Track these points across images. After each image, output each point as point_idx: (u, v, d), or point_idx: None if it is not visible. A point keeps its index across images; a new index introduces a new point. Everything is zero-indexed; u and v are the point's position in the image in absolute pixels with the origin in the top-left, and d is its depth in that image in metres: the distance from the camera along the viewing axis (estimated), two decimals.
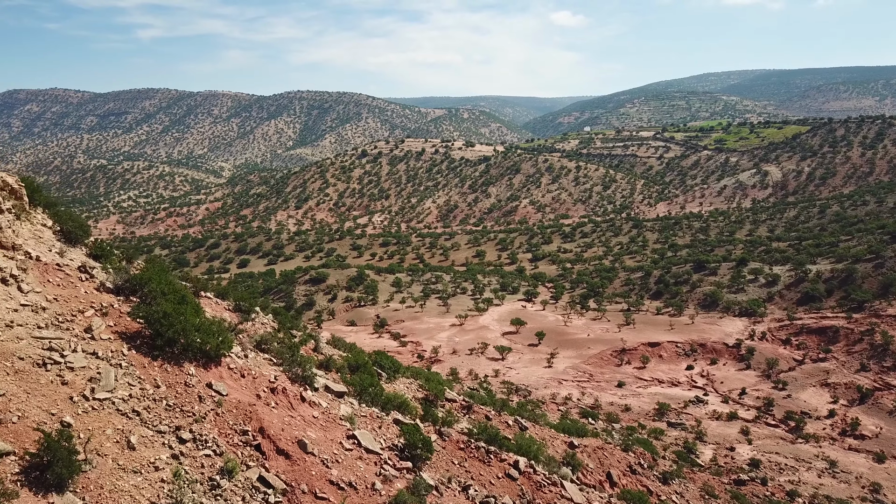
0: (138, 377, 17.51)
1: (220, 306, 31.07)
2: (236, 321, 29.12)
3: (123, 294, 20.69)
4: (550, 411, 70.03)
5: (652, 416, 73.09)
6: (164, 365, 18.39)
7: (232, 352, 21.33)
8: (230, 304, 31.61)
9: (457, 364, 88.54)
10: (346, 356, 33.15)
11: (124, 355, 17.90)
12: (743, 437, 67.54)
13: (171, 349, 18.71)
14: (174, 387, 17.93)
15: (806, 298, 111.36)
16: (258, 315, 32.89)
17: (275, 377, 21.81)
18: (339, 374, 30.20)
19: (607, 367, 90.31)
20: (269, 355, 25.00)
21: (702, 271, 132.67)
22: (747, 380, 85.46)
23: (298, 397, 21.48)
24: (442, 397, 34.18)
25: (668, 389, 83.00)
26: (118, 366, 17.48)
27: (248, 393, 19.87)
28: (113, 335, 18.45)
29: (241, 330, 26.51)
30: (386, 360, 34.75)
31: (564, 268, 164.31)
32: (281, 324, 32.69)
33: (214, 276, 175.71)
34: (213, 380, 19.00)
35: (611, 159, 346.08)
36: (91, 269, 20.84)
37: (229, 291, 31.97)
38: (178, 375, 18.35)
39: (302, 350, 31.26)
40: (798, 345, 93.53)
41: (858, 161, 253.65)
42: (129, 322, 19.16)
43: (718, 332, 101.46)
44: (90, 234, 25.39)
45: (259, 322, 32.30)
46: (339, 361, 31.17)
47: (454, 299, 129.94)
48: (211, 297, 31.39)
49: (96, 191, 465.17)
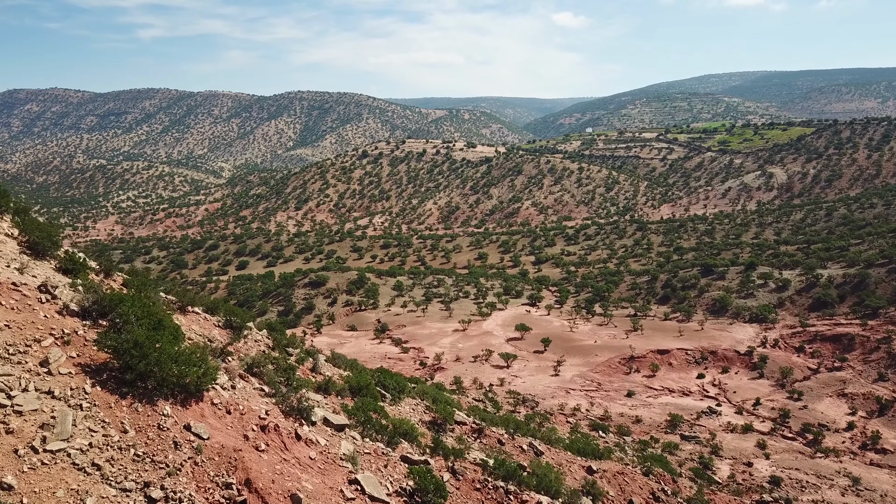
0: (102, 420, 14.78)
1: (208, 322, 28.35)
2: (226, 340, 26.41)
3: (91, 317, 17.95)
4: (559, 424, 67.33)
5: (664, 429, 70.32)
6: (134, 404, 15.66)
7: (217, 383, 18.60)
8: (220, 320, 28.87)
9: (460, 372, 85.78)
10: (347, 376, 30.44)
11: (86, 394, 15.18)
12: (760, 451, 64.77)
13: (143, 384, 15.99)
14: (145, 431, 15.20)
15: (818, 304, 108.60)
16: (251, 331, 30.17)
17: (266, 412, 19.07)
18: (339, 399, 27.49)
19: (616, 376, 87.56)
20: (261, 382, 22.28)
21: (709, 275, 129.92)
22: (761, 389, 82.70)
23: (293, 435, 18.74)
24: (451, 420, 31.46)
25: (680, 399, 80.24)
26: (78, 407, 14.76)
27: (234, 434, 17.13)
28: (74, 369, 15.73)
29: (229, 353, 23.78)
30: (389, 380, 32.05)
31: (568, 271, 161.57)
32: (276, 341, 29.99)
33: (213, 279, 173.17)
34: (193, 420, 16.27)
35: (613, 161, 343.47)
36: (54, 289, 18.10)
37: (219, 306, 29.22)
38: (150, 416, 15.62)
39: (299, 371, 28.55)
40: (812, 353, 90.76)
41: (865, 163, 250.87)
42: (94, 352, 16.44)
43: (729, 338, 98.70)
44: (60, 245, 22.65)
45: (252, 339, 29.59)
46: (339, 383, 28.47)
47: (457, 303, 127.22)
48: (199, 312, 28.64)
49: (95, 191, 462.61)
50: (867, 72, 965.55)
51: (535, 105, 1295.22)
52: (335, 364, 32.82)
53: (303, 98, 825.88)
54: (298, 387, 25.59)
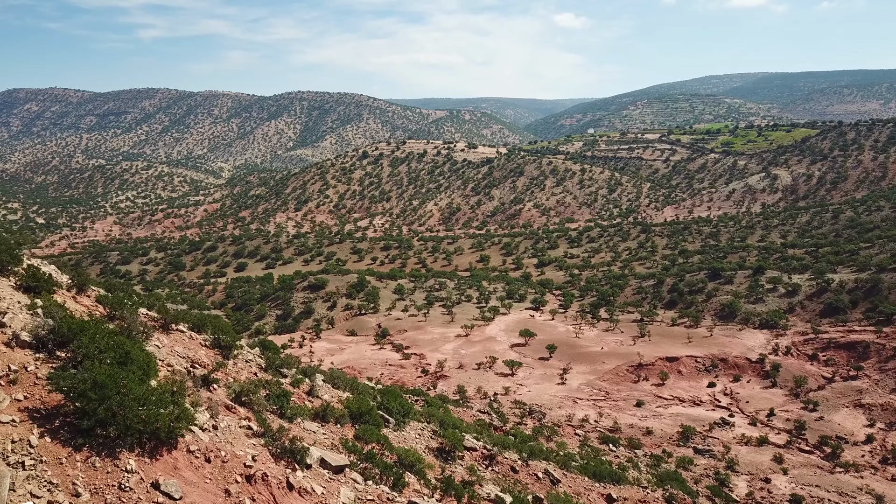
0: (49, 482, 12.15)
1: (194, 342, 25.71)
2: (212, 363, 23.77)
3: (46, 349, 15.33)
4: (568, 436, 64.74)
5: (676, 441, 67.63)
6: (91, 458, 13.03)
7: (196, 423, 15.98)
8: (207, 339, 26.25)
9: (464, 380, 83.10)
10: (347, 399, 27.79)
11: (32, 447, 12.55)
12: (777, 466, 62.08)
13: (103, 432, 13.38)
14: (102, 493, 12.57)
15: (829, 310, 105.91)
16: (242, 350, 27.52)
17: (253, 457, 16.42)
18: (338, 427, 24.85)
19: (624, 384, 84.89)
20: (250, 414, 19.64)
21: (717, 280, 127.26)
22: (774, 399, 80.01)
23: (284, 485, 16.11)
24: (460, 447, 28.80)
25: (691, 409, 77.55)
26: (20, 465, 12.13)
27: (214, 489, 14.49)
28: (20, 415, 13.11)
29: (214, 380, 21.13)
30: (393, 402, 29.39)
31: (572, 274, 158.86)
32: (269, 361, 27.34)
33: (211, 281, 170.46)
34: (163, 475, 13.64)
35: (615, 162, 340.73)
36: (2, 315, 15.47)
37: (207, 323, 26.59)
38: (110, 473, 12.99)
39: (294, 395, 25.91)
40: (826, 361, 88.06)
41: (870, 165, 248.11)
42: (46, 394, 13.83)
43: (740, 345, 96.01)
44: (21, 258, 20.00)
45: (243, 359, 26.94)
46: (338, 409, 25.82)
47: (459, 307, 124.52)
48: (184, 330, 26.02)
49: (94, 191, 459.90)
50: (869, 73, 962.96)
51: (535, 106, 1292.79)
52: (334, 384, 30.16)
53: (303, 98, 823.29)
54: (293, 416, 23.00)
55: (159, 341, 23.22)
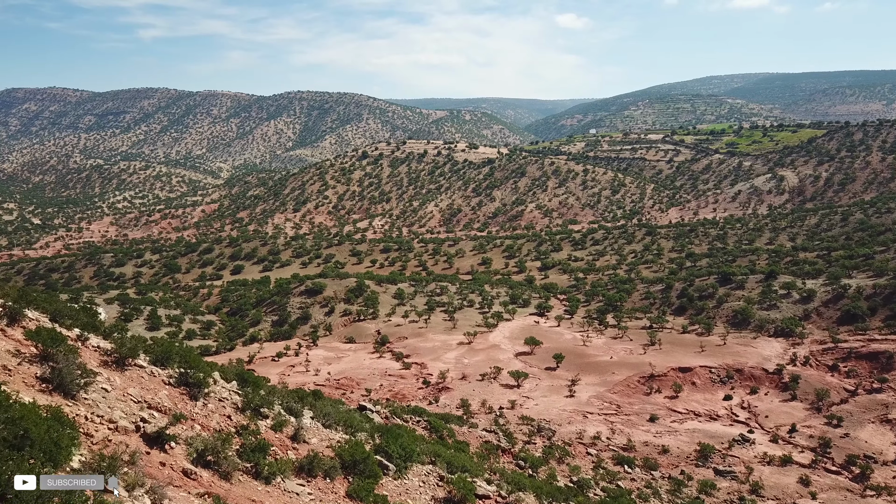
0: None
1: (155, 380, 21.56)
2: (173, 411, 19.60)
3: None
4: (580, 456, 60.69)
5: (694, 460, 63.49)
6: None
7: None
8: (172, 375, 22.10)
9: (467, 392, 79.00)
10: (339, 445, 23.62)
11: None
12: (804, 489, 57.96)
13: None
14: None
15: (847, 317, 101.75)
16: (214, 387, 23.33)
17: None
18: (327, 482, 20.71)
19: (635, 397, 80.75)
20: (210, 490, 15.53)
21: (727, 284, 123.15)
22: (795, 413, 75.86)
23: None
24: (471, 497, 24.63)
25: (707, 425, 73.40)
26: None
27: None
28: None
29: (170, 437, 16.99)
30: (393, 445, 25.22)
31: (577, 278, 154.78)
32: (247, 400, 23.17)
33: (206, 284, 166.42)
34: None
35: (618, 163, 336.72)
36: None
37: (173, 354, 22.44)
38: None
39: (275, 443, 21.78)
40: (847, 372, 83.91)
41: (879, 166, 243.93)
42: None
43: (755, 354, 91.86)
44: None
45: (215, 398, 22.74)
46: (327, 458, 21.65)
47: (461, 313, 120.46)
48: (144, 364, 21.87)
49: (91, 191, 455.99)
50: (871, 74, 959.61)
51: (535, 106, 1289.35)
52: (325, 423, 25.96)
53: (302, 98, 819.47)
54: (271, 475, 18.85)
55: (110, 382, 19.13)
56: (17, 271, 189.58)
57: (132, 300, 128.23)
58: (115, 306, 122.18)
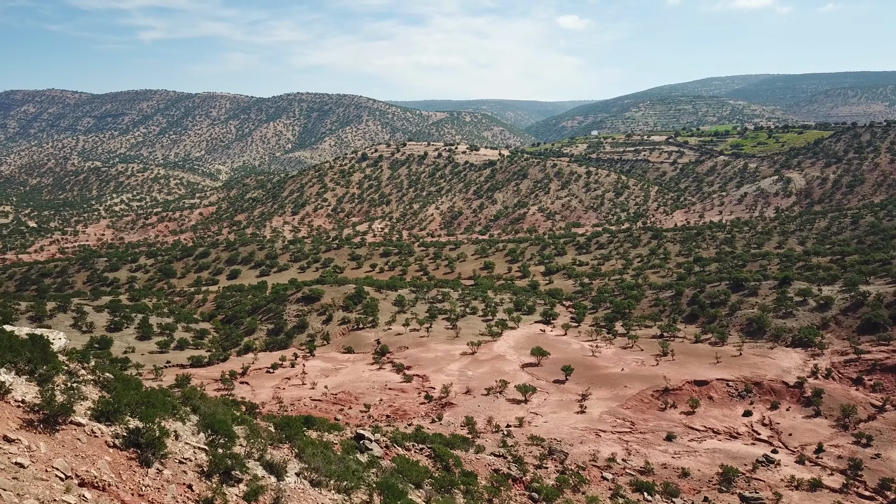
0: None
1: (97, 441, 17.33)
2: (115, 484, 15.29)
3: None
4: (595, 481, 56.29)
5: (717, 484, 59.11)
6: None
7: None
8: (120, 432, 17.78)
9: (472, 409, 74.66)
10: None
11: None
12: None
13: None
14: None
15: (867, 326, 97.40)
16: (175, 444, 18.94)
17: None
18: None
19: (650, 412, 76.40)
20: None
21: (740, 291, 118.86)
22: (820, 431, 71.47)
23: None
24: None
25: (728, 444, 69.00)
26: None
27: None
28: None
29: None
30: None
31: (582, 283, 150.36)
32: (215, 461, 18.76)
33: (201, 289, 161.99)
34: None
35: (621, 164, 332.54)
36: None
37: (123, 406, 18.11)
38: None
39: None
40: (873, 386, 79.59)
41: (888, 168, 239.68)
42: None
43: (774, 366, 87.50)
44: None
45: (174, 460, 18.35)
46: None
47: (464, 321, 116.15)
48: (83, 421, 17.56)
49: (88, 194, 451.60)
50: (872, 75, 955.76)
51: (536, 108, 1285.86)
52: (313, 479, 21.58)
53: (302, 100, 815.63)
54: None
55: (30, 453, 14.85)
56: (8, 276, 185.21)
57: (124, 307, 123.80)
58: (105, 314, 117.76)
